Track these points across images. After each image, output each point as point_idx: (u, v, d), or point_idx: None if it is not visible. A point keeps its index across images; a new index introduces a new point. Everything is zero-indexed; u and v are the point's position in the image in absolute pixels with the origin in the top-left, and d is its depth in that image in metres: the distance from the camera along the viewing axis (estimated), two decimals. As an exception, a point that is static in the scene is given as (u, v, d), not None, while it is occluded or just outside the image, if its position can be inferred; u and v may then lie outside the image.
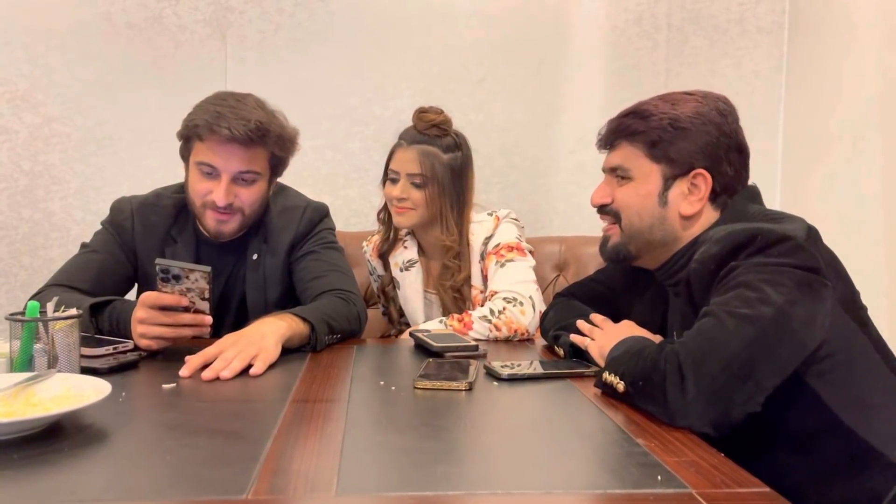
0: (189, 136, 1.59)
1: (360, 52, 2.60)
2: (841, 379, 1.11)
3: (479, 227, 1.85)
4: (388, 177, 1.86)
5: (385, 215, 1.94)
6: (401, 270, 1.93)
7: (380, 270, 2.00)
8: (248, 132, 1.53)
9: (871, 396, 1.13)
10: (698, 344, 1.05)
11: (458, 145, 1.85)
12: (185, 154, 1.63)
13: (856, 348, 1.14)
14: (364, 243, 2.02)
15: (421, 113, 1.85)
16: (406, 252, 1.93)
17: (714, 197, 1.26)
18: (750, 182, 1.30)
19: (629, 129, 1.28)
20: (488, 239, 1.83)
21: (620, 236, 1.31)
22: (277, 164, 1.67)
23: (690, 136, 1.23)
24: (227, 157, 1.56)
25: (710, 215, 1.27)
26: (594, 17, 2.64)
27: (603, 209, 1.34)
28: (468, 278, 1.83)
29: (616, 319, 1.37)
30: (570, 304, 1.53)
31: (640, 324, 1.33)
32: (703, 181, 1.24)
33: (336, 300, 1.59)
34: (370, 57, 2.61)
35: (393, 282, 1.96)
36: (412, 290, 1.91)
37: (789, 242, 1.09)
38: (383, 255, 1.96)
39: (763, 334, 1.04)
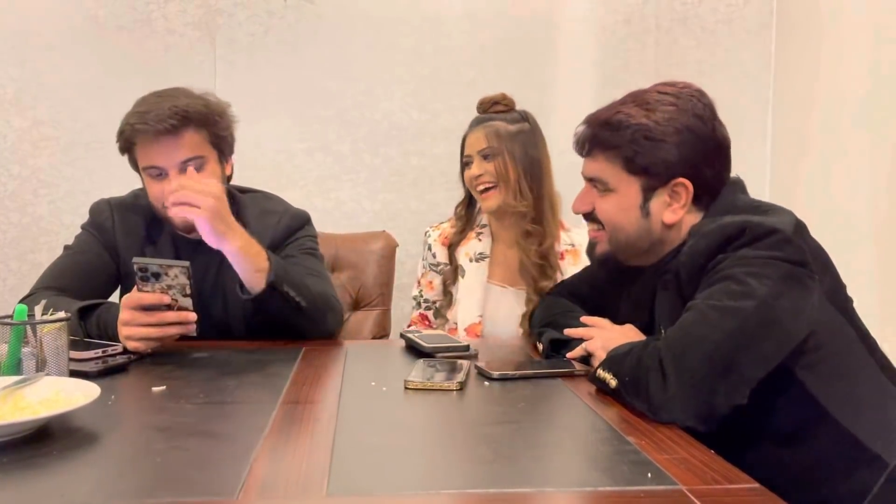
0: (126, 147, 1.59)
1: (350, 55, 2.60)
2: (829, 371, 1.12)
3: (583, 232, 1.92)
4: (464, 164, 1.91)
5: (462, 209, 1.96)
6: (470, 261, 1.92)
7: (440, 258, 1.96)
8: (169, 119, 1.51)
9: (859, 389, 1.14)
10: (679, 338, 1.06)
11: (525, 117, 1.91)
12: (135, 166, 1.63)
13: (843, 340, 1.15)
14: (430, 227, 2.00)
15: (482, 99, 1.93)
16: (479, 244, 1.93)
17: (697, 199, 1.24)
18: (734, 176, 1.28)
19: (604, 141, 1.26)
20: None
21: (608, 244, 1.31)
22: (220, 142, 1.63)
23: (666, 147, 1.21)
24: (163, 152, 1.54)
25: (695, 215, 1.26)
26: (583, 18, 2.65)
27: (587, 216, 1.33)
28: (553, 245, 1.86)
29: (602, 317, 1.37)
30: (555, 301, 1.54)
31: (627, 321, 1.33)
32: (684, 189, 1.23)
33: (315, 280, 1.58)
34: (360, 59, 2.61)
35: (458, 270, 1.93)
36: (476, 281, 1.90)
37: (777, 235, 1.10)
38: (452, 246, 1.94)
39: (744, 327, 1.04)
